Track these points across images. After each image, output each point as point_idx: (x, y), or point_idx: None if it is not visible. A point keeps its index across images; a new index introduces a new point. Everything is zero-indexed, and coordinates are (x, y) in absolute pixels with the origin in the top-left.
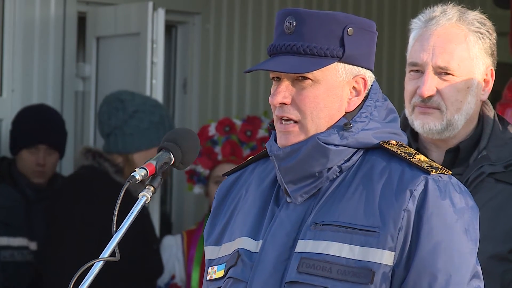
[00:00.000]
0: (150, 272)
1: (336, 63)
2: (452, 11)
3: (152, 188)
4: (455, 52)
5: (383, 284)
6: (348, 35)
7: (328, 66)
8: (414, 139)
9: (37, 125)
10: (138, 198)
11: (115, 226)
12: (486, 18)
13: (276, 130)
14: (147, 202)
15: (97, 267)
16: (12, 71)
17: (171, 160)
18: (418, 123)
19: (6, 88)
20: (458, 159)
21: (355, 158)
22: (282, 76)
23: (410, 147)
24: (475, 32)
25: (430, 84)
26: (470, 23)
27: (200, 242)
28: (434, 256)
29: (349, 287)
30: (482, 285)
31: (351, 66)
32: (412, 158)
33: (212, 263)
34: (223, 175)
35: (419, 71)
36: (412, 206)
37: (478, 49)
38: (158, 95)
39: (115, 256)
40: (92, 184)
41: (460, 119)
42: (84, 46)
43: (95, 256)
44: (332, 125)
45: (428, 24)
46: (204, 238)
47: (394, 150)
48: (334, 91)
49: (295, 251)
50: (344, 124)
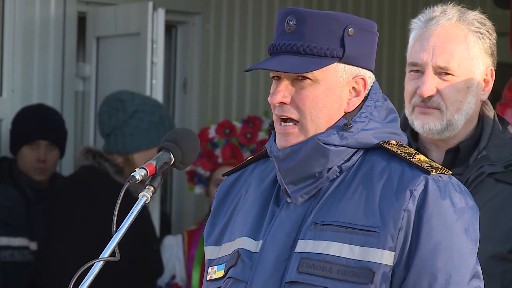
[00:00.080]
0: (150, 272)
1: (336, 63)
2: (452, 11)
3: (152, 188)
4: (455, 52)
5: (383, 284)
6: (349, 35)
7: (328, 66)
8: (414, 139)
9: (37, 123)
10: (138, 198)
11: (115, 226)
12: (486, 18)
13: (275, 131)
14: (147, 202)
15: (97, 267)
16: (12, 71)
17: (171, 160)
18: (418, 123)
19: (6, 88)
20: (458, 159)
21: (355, 158)
22: (282, 76)
23: (410, 147)
24: (475, 32)
25: (430, 84)
26: (470, 23)
27: (200, 242)
28: (434, 256)
29: (349, 287)
30: (482, 285)
31: (351, 67)
32: (412, 158)
33: (212, 263)
34: (223, 175)
35: (419, 71)
36: (412, 206)
37: (478, 49)
38: (158, 95)
39: (115, 256)
40: (92, 184)
41: (460, 119)
42: (84, 46)
43: (95, 256)
44: (331, 125)
45: (428, 24)
46: (204, 238)
47: (394, 150)
48: (333, 91)
49: (295, 251)
50: (344, 124)
